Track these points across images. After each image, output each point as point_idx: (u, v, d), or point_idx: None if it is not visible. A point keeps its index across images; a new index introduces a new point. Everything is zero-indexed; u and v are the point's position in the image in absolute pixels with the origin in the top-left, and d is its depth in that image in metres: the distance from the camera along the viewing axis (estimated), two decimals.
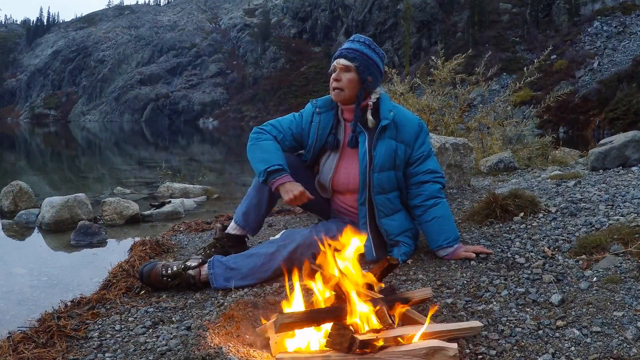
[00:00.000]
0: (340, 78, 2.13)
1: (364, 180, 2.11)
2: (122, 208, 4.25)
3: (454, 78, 6.43)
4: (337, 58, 2.16)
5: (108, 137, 29.49)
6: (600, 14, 37.15)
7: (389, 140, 2.12)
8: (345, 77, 2.12)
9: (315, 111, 2.26)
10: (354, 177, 2.16)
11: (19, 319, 2.03)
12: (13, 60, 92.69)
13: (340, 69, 2.14)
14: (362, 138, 2.13)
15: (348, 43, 2.20)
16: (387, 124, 2.11)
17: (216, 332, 1.52)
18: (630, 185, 2.75)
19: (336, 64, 2.15)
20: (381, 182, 2.11)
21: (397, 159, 2.13)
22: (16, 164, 12.98)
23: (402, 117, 2.18)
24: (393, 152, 2.12)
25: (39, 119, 71.26)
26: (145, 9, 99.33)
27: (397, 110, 2.19)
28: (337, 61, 2.15)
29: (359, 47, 2.16)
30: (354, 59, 2.12)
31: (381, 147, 2.10)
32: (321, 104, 2.27)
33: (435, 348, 1.29)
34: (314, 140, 2.24)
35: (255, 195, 2.22)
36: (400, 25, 52.77)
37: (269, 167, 2.06)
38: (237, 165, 12.73)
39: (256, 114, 55.53)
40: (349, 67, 2.12)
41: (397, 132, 2.14)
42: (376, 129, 2.11)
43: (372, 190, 2.10)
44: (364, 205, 2.14)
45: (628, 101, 23.88)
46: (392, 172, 2.13)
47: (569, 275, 1.82)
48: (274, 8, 75.92)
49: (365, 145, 2.11)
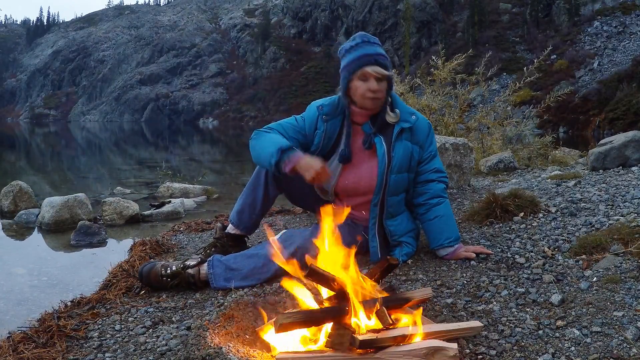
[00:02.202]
0: (377, 89, 1.99)
1: (382, 181, 2.07)
2: (122, 208, 4.25)
3: (454, 78, 6.43)
4: (368, 65, 1.98)
5: (108, 137, 29.48)
6: (600, 14, 37.14)
7: (406, 142, 2.10)
8: (381, 87, 2.01)
9: (322, 118, 2.13)
10: (364, 179, 2.11)
11: (19, 319, 2.03)
12: (13, 60, 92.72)
13: (376, 78, 1.99)
14: (378, 139, 2.09)
15: (369, 47, 2.02)
16: (406, 127, 2.08)
17: (216, 332, 1.52)
18: (630, 185, 2.75)
19: (371, 72, 1.98)
20: (397, 183, 2.10)
21: (413, 160, 2.13)
22: (16, 164, 12.98)
23: (419, 119, 2.16)
24: (410, 154, 2.11)
25: (39, 119, 71.28)
26: (145, 9, 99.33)
27: (415, 112, 2.16)
28: (371, 69, 1.98)
29: (381, 50, 2.05)
30: (387, 67, 2.01)
31: (399, 149, 2.08)
32: (328, 110, 2.14)
33: (435, 348, 1.29)
34: (318, 147, 2.14)
35: (249, 194, 2.20)
36: (400, 25, 52.75)
37: (282, 146, 1.92)
38: (237, 165, 12.73)
39: (256, 114, 55.52)
40: (384, 76, 2.00)
41: (411, 135, 2.13)
42: (390, 130, 2.08)
43: (388, 191, 2.09)
44: (376, 206, 2.12)
45: (628, 101, 23.87)
46: (406, 175, 2.13)
47: (569, 275, 1.82)
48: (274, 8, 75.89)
49: (383, 146, 2.07)
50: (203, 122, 59.81)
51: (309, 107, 2.23)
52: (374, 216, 2.12)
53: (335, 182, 2.15)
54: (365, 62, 1.99)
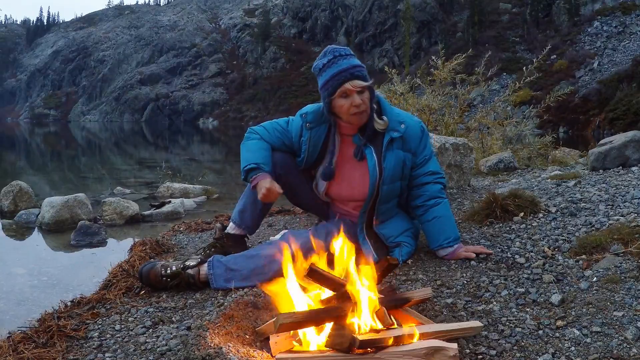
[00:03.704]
0: (360, 103, 1.96)
1: (373, 192, 2.09)
2: (122, 208, 4.25)
3: (454, 78, 6.43)
4: (346, 81, 1.94)
5: (108, 137, 29.48)
6: (600, 14, 37.14)
7: (397, 150, 2.09)
8: (364, 99, 1.98)
9: (306, 126, 2.13)
10: (358, 189, 2.13)
11: (19, 319, 2.03)
12: (13, 60, 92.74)
13: (357, 92, 1.97)
14: (369, 150, 2.08)
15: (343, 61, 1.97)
16: (396, 137, 2.07)
17: (216, 332, 1.52)
18: (630, 185, 2.75)
19: (351, 87, 1.95)
20: (389, 193, 2.11)
21: (405, 168, 2.12)
22: (16, 164, 12.97)
23: (409, 127, 2.12)
24: (402, 163, 2.10)
25: (39, 119, 71.29)
26: (145, 9, 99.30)
27: (404, 120, 2.12)
28: (350, 84, 1.95)
29: (357, 61, 2.00)
30: (365, 77, 1.99)
31: (390, 159, 2.07)
32: (311, 118, 2.13)
33: (435, 348, 1.29)
34: (306, 155, 2.16)
35: (251, 194, 2.21)
36: (400, 25, 52.72)
37: (246, 165, 2.07)
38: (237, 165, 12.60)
39: (256, 114, 55.49)
40: (364, 88, 1.98)
41: (403, 143, 2.11)
42: (380, 140, 2.07)
43: (379, 200, 2.10)
44: (365, 212, 2.15)
45: (628, 101, 23.87)
46: (399, 183, 2.13)
47: (569, 275, 1.82)
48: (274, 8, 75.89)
49: (374, 157, 2.07)
50: (203, 122, 59.79)
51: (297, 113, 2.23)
52: (362, 221, 2.15)
53: (325, 190, 2.20)
54: (343, 78, 1.95)
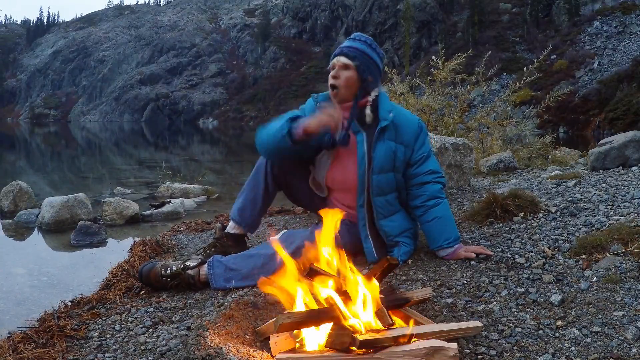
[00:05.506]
0: (338, 75, 2.08)
1: (363, 181, 2.09)
2: (122, 208, 4.25)
3: (454, 78, 6.43)
4: (337, 55, 2.11)
5: (108, 137, 29.48)
6: (600, 14, 37.15)
7: (389, 141, 2.09)
8: (343, 75, 2.07)
9: (317, 106, 2.17)
10: (351, 175, 2.12)
11: (19, 319, 2.03)
12: (13, 60, 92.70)
13: (339, 67, 2.08)
14: (360, 138, 2.09)
15: (349, 41, 2.15)
16: (386, 125, 2.08)
17: (216, 332, 1.52)
18: (630, 185, 2.75)
19: (335, 62, 2.10)
20: (380, 183, 2.09)
21: (397, 160, 2.11)
22: (16, 164, 12.97)
23: (402, 117, 2.15)
24: (392, 154, 2.10)
25: (39, 119, 71.29)
26: (145, 9, 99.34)
27: (396, 110, 2.15)
28: (336, 59, 2.10)
29: (360, 45, 2.12)
30: (355, 58, 2.08)
31: (380, 149, 2.08)
32: (322, 99, 2.21)
33: (435, 348, 1.29)
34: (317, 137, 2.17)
35: (250, 191, 2.21)
36: (400, 25, 52.76)
37: (289, 117, 2.01)
38: (237, 165, 12.74)
39: (256, 114, 55.51)
40: (348, 66, 2.07)
41: (396, 134, 2.11)
42: (375, 129, 2.08)
43: (372, 192, 2.09)
44: (362, 207, 2.13)
45: (628, 101, 23.88)
46: (392, 174, 2.12)
47: (569, 275, 1.82)
48: (274, 8, 75.92)
49: (364, 146, 2.08)
50: (203, 122, 59.80)
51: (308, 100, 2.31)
52: (362, 217, 2.14)
53: (326, 174, 2.19)
54: (337, 53, 2.13)
